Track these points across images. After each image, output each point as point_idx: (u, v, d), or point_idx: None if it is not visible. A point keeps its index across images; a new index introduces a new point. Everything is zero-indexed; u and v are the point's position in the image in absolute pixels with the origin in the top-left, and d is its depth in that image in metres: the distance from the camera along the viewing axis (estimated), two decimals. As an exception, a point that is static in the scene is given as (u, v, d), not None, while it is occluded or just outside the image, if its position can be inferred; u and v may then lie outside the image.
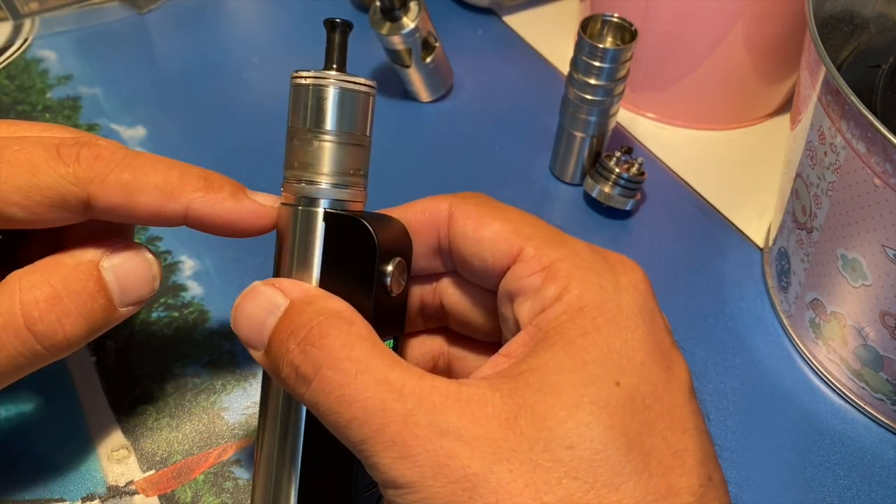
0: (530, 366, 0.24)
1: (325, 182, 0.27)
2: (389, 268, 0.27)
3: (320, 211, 0.27)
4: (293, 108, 0.28)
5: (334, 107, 0.27)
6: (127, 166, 0.27)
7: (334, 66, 0.28)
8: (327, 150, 0.27)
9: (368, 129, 0.28)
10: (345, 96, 0.27)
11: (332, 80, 0.27)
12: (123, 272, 0.28)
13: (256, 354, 0.26)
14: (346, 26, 0.28)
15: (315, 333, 0.24)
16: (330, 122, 0.27)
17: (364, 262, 0.27)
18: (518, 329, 0.26)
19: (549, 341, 0.24)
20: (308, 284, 0.26)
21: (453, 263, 0.29)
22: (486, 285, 0.28)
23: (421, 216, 0.28)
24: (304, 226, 0.27)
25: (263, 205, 0.29)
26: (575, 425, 0.22)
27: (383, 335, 0.26)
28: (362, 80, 0.27)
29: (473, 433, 0.22)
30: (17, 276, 0.27)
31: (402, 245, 0.28)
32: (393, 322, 0.29)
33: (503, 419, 0.22)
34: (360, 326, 0.24)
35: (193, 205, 0.28)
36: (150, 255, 0.29)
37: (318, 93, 0.27)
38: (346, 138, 0.27)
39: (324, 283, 0.27)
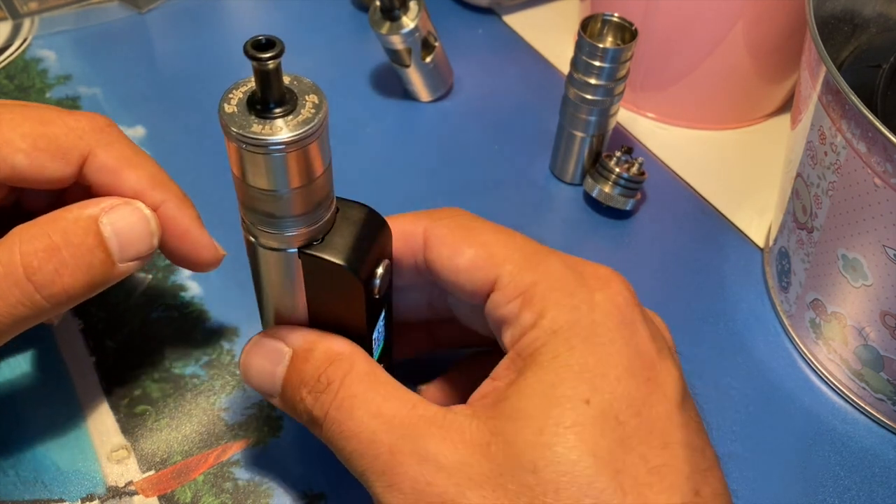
0: (507, 394, 0.25)
1: (286, 234, 0.25)
2: (377, 281, 0.26)
3: (294, 253, 0.25)
4: (231, 158, 0.24)
5: (274, 169, 0.23)
6: (133, 146, 0.31)
7: (267, 113, 0.22)
8: (280, 202, 0.24)
9: (321, 167, 0.24)
10: (280, 160, 0.22)
11: (262, 146, 0.22)
12: (121, 228, 0.29)
13: (274, 401, 0.28)
14: (270, 57, 0.22)
15: (323, 381, 0.26)
16: (273, 183, 0.23)
17: (350, 295, 0.26)
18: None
19: (525, 367, 0.25)
20: (306, 330, 0.28)
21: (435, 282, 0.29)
22: (475, 307, 0.29)
23: (395, 243, 0.28)
24: (269, 262, 0.26)
25: (218, 248, 0.33)
26: (540, 448, 0.23)
27: (372, 326, 0.28)
28: (298, 133, 0.22)
29: (451, 459, 0.23)
30: (17, 230, 0.28)
31: (383, 248, 0.27)
32: (378, 311, 0.29)
33: (477, 445, 0.24)
34: (360, 364, 0.26)
35: (168, 203, 0.31)
36: (147, 211, 0.30)
37: (251, 158, 0.22)
38: (294, 190, 0.23)
39: (310, 298, 0.27)
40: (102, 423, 0.35)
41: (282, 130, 0.22)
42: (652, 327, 0.26)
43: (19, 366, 0.37)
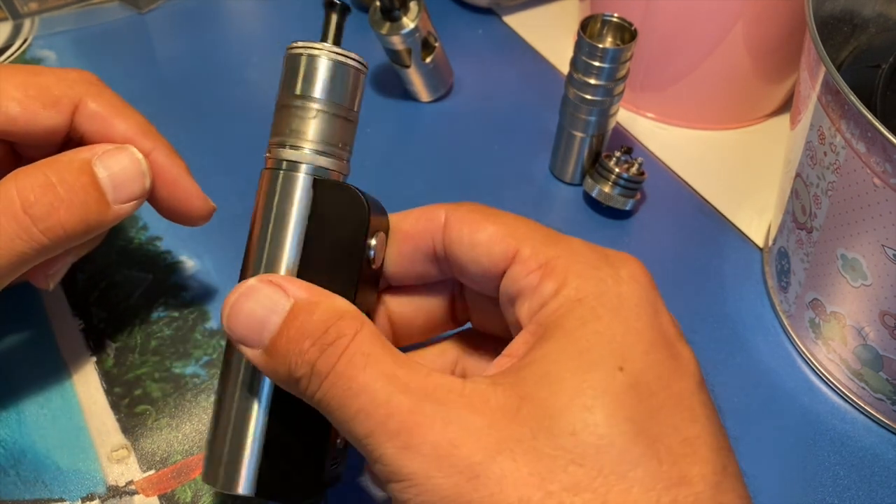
0: (531, 359, 0.24)
1: (309, 148, 0.27)
2: (373, 241, 0.27)
3: (301, 175, 0.27)
4: (285, 78, 0.28)
5: (325, 77, 0.27)
6: (120, 97, 0.33)
7: (328, 41, 0.28)
8: (315, 119, 0.27)
9: (356, 105, 0.29)
10: (336, 68, 0.28)
11: (325, 51, 0.27)
12: (114, 170, 0.30)
13: (252, 353, 0.25)
14: (345, 8, 0.29)
15: (332, 333, 0.24)
16: (319, 90, 0.27)
17: (352, 233, 0.27)
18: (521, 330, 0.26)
19: (549, 335, 0.24)
20: (309, 284, 0.26)
21: (451, 270, 0.29)
22: (486, 291, 0.28)
23: (416, 223, 0.28)
24: (284, 188, 0.27)
25: (208, 200, 0.34)
26: (577, 411, 0.22)
27: (361, 307, 0.26)
28: (354, 56, 0.28)
29: (478, 424, 0.22)
30: (13, 173, 0.29)
31: (383, 219, 0.28)
32: (369, 295, 0.29)
33: (506, 410, 0.22)
34: (370, 325, 0.24)
35: (158, 151, 0.32)
36: (139, 155, 0.31)
37: (311, 62, 0.27)
38: (334, 109, 0.28)
39: (306, 251, 0.27)
40: (103, 422, 0.35)
41: (354, 56, 0.28)
42: (670, 314, 0.26)
43: (20, 366, 0.37)
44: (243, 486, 0.26)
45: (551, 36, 0.58)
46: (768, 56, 0.49)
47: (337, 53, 0.28)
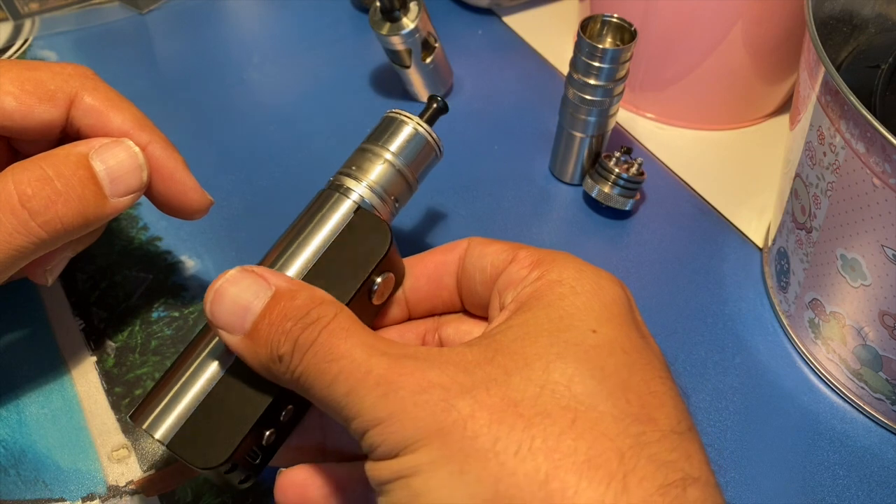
0: (508, 325, 0.25)
1: (366, 185, 0.32)
2: (379, 278, 0.30)
3: (350, 200, 0.31)
4: (375, 130, 0.34)
5: (405, 140, 0.33)
6: (116, 91, 0.33)
7: (423, 118, 0.34)
8: (382, 165, 0.32)
9: (419, 175, 0.34)
10: (417, 138, 0.33)
11: (414, 122, 0.33)
12: (111, 164, 0.30)
13: (233, 339, 0.26)
14: (444, 108, 0.35)
15: (314, 314, 0.25)
16: (396, 147, 0.33)
17: (365, 259, 0.30)
18: None
19: (527, 306, 0.25)
20: (289, 276, 0.27)
21: (461, 295, 0.31)
22: (483, 311, 0.30)
23: (445, 252, 0.31)
24: (331, 206, 0.31)
25: (206, 193, 0.34)
26: (550, 357, 0.23)
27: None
28: (436, 137, 0.34)
29: (454, 370, 0.23)
30: (9, 168, 0.29)
31: (399, 269, 0.31)
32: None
33: (482, 360, 0.24)
34: (348, 311, 0.26)
35: (154, 145, 0.32)
36: (136, 148, 0.31)
37: (400, 125, 0.33)
38: (400, 165, 0.33)
39: (321, 258, 0.30)
40: (103, 422, 0.35)
41: (437, 138, 0.35)
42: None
43: (20, 366, 0.37)
44: (161, 433, 0.28)
45: (551, 36, 0.59)
46: (768, 56, 0.49)
47: (423, 128, 0.33)
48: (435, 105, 0.35)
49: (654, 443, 0.22)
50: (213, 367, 0.28)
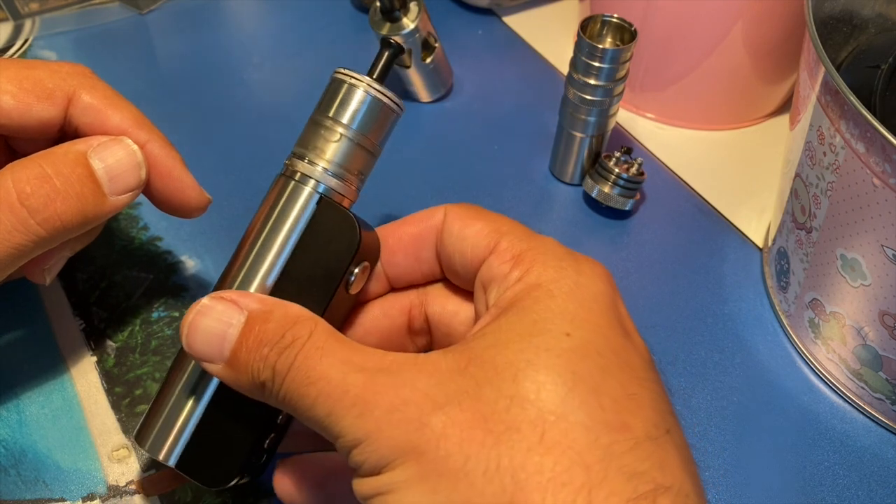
0: (483, 332, 0.25)
1: (324, 167, 0.29)
2: (357, 269, 0.29)
3: (308, 190, 0.29)
4: (323, 97, 0.30)
5: (358, 108, 0.29)
6: (114, 90, 0.32)
7: (374, 76, 0.30)
8: (338, 142, 0.29)
9: (381, 141, 0.31)
10: (371, 103, 0.30)
11: (364, 84, 0.30)
12: (110, 162, 0.30)
13: (214, 368, 0.26)
14: (399, 50, 0.32)
15: (288, 338, 0.25)
16: (349, 117, 0.29)
17: (338, 257, 0.28)
18: None
19: (504, 313, 0.25)
20: (260, 294, 0.27)
21: (442, 268, 0.30)
22: (465, 284, 0.30)
23: (420, 222, 0.30)
24: (290, 198, 0.29)
25: (204, 191, 0.33)
26: (521, 365, 0.23)
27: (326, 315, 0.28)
28: (391, 96, 0.30)
29: (426, 383, 0.23)
30: (7, 167, 0.29)
31: (373, 251, 0.30)
32: (339, 316, 0.30)
33: (454, 370, 0.24)
34: (324, 325, 0.26)
35: (153, 143, 0.32)
36: (135, 146, 0.31)
37: (350, 91, 0.29)
38: (359, 138, 0.29)
39: (291, 262, 0.28)
40: (103, 422, 0.35)
41: (393, 98, 0.30)
42: (629, 318, 0.27)
43: (20, 366, 0.37)
44: (165, 455, 0.28)
45: (551, 36, 0.59)
46: (768, 56, 0.49)
47: (376, 90, 0.30)
48: (387, 53, 0.31)
49: (626, 452, 0.22)
50: (205, 384, 0.28)
